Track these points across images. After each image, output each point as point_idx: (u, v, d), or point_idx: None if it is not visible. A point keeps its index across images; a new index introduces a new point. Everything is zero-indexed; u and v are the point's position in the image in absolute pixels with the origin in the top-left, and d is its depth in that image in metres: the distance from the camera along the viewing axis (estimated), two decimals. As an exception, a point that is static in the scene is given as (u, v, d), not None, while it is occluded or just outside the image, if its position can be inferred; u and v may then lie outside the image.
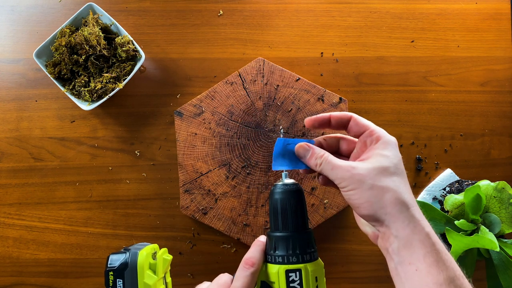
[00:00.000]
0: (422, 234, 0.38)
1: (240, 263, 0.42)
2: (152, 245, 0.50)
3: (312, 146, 0.44)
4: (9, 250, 0.71)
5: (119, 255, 0.46)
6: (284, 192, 0.44)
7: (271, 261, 0.42)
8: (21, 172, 0.71)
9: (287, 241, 0.42)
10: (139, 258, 0.45)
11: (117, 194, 0.71)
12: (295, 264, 0.41)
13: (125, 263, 0.45)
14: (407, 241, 0.38)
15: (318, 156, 0.43)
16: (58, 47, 0.66)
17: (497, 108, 0.75)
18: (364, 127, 0.44)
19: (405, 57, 0.75)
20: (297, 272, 0.41)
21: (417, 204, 0.40)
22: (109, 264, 0.45)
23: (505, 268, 0.59)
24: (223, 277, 0.43)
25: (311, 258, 0.42)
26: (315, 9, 0.75)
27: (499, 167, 0.75)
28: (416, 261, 0.37)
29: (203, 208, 0.70)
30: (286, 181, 0.45)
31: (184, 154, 0.70)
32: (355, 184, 0.39)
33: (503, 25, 0.76)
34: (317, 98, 0.71)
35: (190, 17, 0.74)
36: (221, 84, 0.71)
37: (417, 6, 0.76)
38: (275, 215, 0.43)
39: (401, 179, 0.40)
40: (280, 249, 0.42)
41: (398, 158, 0.41)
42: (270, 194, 0.45)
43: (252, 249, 0.43)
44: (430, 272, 0.36)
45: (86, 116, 0.72)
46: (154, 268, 0.47)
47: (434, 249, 0.37)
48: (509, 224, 0.61)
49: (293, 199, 0.43)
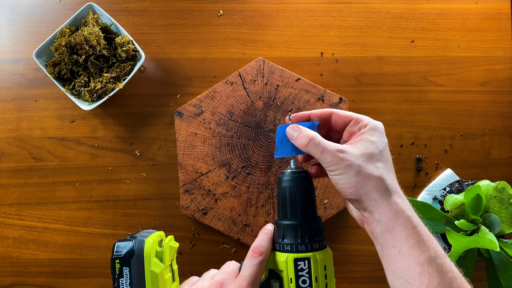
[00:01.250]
0: (403, 217, 0.39)
1: (248, 252, 0.42)
2: (158, 232, 0.49)
3: (301, 127, 0.44)
4: (9, 250, 0.71)
5: (125, 242, 0.45)
6: (293, 179, 0.43)
7: (279, 249, 0.42)
8: (21, 172, 0.71)
9: (295, 229, 0.41)
10: (146, 246, 0.44)
11: (117, 194, 0.71)
12: (304, 252, 0.41)
13: (131, 251, 0.44)
14: (389, 225, 0.39)
15: (306, 136, 0.42)
16: (58, 47, 0.66)
17: (497, 108, 0.75)
18: (348, 117, 0.45)
19: (405, 57, 0.75)
20: (306, 260, 0.40)
21: (400, 189, 0.42)
22: (115, 252, 0.44)
23: (505, 268, 0.59)
24: (231, 265, 0.43)
25: (320, 246, 0.42)
26: (315, 9, 0.75)
27: (499, 167, 0.75)
28: (398, 244, 0.38)
29: (203, 208, 0.70)
30: (294, 168, 0.44)
31: (184, 154, 0.70)
32: (342, 169, 0.40)
33: (503, 25, 0.76)
34: (317, 98, 0.71)
35: (190, 17, 0.74)
36: (221, 84, 0.71)
37: (417, 6, 0.76)
38: (284, 203, 0.43)
39: (385, 165, 0.41)
40: (289, 238, 0.41)
41: (384, 144, 0.42)
42: (279, 181, 0.44)
43: (260, 237, 0.43)
44: (412, 253, 0.38)
45: (86, 116, 0.72)
46: (161, 256, 0.46)
47: (415, 231, 0.39)
48: (509, 224, 0.61)
49: (301, 186, 0.43)
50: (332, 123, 0.46)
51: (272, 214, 0.69)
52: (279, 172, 0.69)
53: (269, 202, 0.70)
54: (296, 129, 0.44)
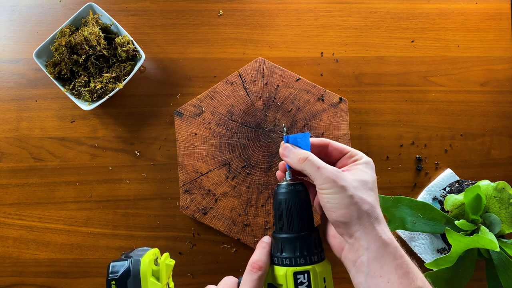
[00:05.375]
0: (392, 247, 0.39)
1: (247, 267, 0.41)
2: (153, 249, 0.48)
3: (295, 147, 0.45)
4: (9, 250, 0.71)
5: (120, 262, 0.44)
6: (289, 192, 0.43)
7: (278, 263, 0.41)
8: (21, 172, 0.71)
9: (293, 242, 0.41)
10: (142, 265, 0.44)
11: (117, 194, 0.71)
12: (303, 266, 0.40)
13: (127, 272, 0.43)
14: (378, 253, 0.38)
15: (301, 155, 0.43)
16: (58, 47, 0.66)
17: (497, 108, 0.75)
18: (343, 150, 0.46)
19: (405, 57, 0.75)
20: (305, 273, 0.40)
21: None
22: (111, 272, 0.43)
23: (505, 268, 0.59)
24: (229, 281, 0.43)
25: (319, 258, 0.41)
26: (315, 9, 0.75)
27: (499, 167, 0.75)
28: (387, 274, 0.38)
29: (203, 208, 0.70)
30: (290, 180, 0.44)
31: (184, 154, 0.70)
32: (337, 189, 0.40)
33: (503, 25, 0.76)
34: (317, 98, 0.71)
35: (190, 17, 0.74)
36: (221, 84, 0.71)
37: (417, 6, 0.76)
38: (280, 216, 0.42)
39: (376, 196, 0.42)
40: (287, 251, 0.41)
41: (374, 178, 0.44)
42: (275, 194, 0.44)
43: (258, 251, 0.42)
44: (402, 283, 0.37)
45: (86, 116, 0.72)
46: (157, 274, 0.46)
47: (404, 261, 0.38)
48: (509, 224, 0.61)
49: (298, 199, 0.42)
50: (328, 152, 0.47)
51: (272, 214, 0.69)
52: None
53: (269, 202, 0.70)
54: (290, 149, 0.44)
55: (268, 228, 0.70)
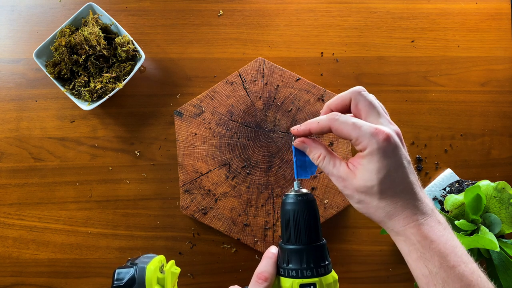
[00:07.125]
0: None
1: (253, 277, 0.41)
2: (159, 257, 0.48)
3: (311, 142, 0.44)
4: (9, 250, 0.71)
5: (125, 269, 0.44)
6: (297, 202, 0.42)
7: (284, 274, 0.41)
8: (21, 172, 0.71)
9: (300, 254, 0.40)
10: (147, 273, 0.43)
11: (117, 194, 0.71)
12: (310, 278, 0.40)
13: (132, 279, 0.43)
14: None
15: (317, 153, 0.43)
16: (58, 47, 0.66)
17: (497, 108, 0.75)
18: (347, 137, 0.41)
19: (405, 57, 0.75)
20: (312, 286, 0.39)
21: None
22: (116, 279, 0.43)
23: (505, 268, 0.59)
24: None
25: (326, 271, 0.41)
26: (315, 9, 0.75)
27: (499, 167, 0.75)
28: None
29: (203, 208, 0.70)
30: (297, 190, 0.43)
31: (184, 154, 0.70)
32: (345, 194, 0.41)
33: (503, 25, 0.76)
34: (317, 98, 0.71)
35: (190, 17, 0.74)
36: (221, 84, 0.71)
37: (417, 6, 0.76)
38: (288, 226, 0.42)
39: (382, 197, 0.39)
40: (294, 263, 0.40)
41: (384, 171, 0.38)
42: (282, 204, 0.43)
43: (264, 262, 0.42)
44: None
45: (86, 116, 0.72)
46: (163, 282, 0.45)
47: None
48: (509, 224, 0.61)
49: (305, 210, 0.42)
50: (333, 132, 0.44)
51: (272, 214, 0.69)
52: (279, 172, 0.69)
53: (269, 202, 0.69)
54: (305, 146, 0.44)
55: (268, 228, 0.70)
